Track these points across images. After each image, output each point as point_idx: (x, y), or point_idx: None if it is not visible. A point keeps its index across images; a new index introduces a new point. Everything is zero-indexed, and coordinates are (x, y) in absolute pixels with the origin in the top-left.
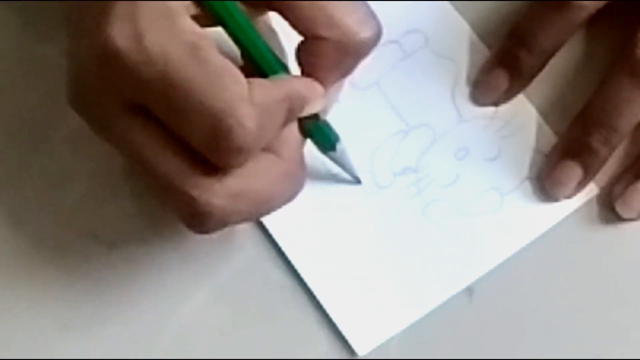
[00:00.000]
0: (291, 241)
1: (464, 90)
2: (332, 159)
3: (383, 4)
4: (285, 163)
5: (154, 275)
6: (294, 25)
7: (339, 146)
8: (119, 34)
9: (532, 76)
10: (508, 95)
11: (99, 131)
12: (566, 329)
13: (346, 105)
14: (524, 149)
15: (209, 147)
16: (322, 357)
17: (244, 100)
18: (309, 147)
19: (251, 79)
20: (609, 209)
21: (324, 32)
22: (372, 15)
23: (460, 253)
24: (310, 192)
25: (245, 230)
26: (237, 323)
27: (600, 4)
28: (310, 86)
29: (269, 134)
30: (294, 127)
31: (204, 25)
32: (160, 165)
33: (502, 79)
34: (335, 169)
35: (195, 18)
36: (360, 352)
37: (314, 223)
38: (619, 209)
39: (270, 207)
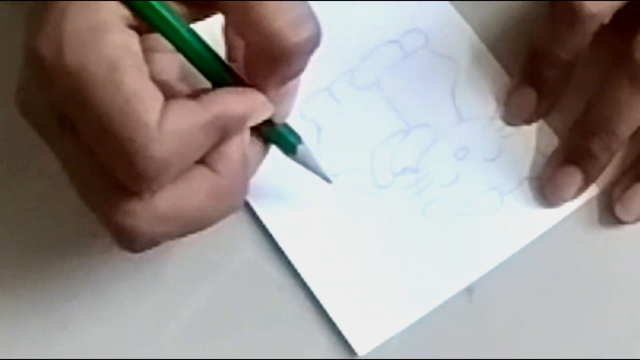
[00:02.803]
0: (291, 241)
1: (464, 90)
2: (297, 161)
3: (383, 3)
4: (221, 179)
5: (154, 275)
6: (230, 27)
7: (300, 148)
8: (44, 44)
9: (561, 89)
10: (539, 112)
11: (40, 136)
12: (566, 329)
13: (346, 105)
14: (524, 149)
15: (116, 171)
16: (322, 357)
17: (149, 127)
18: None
19: (173, 102)
20: (608, 209)
21: (250, 37)
22: (308, 17)
23: (460, 253)
24: (310, 192)
25: (245, 230)
26: (237, 323)
27: (610, 11)
28: (248, 99)
29: (185, 160)
30: (236, 141)
31: (148, 32)
32: (85, 183)
33: (531, 98)
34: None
35: (137, 28)
36: (360, 352)
37: (314, 223)
38: (618, 211)
39: (201, 225)
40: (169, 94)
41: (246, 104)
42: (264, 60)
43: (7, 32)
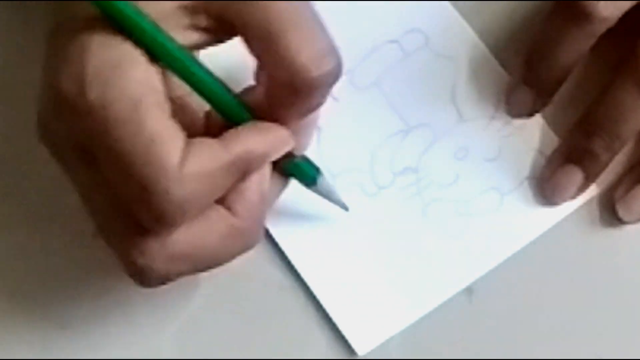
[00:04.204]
0: (291, 241)
1: (464, 90)
2: (316, 192)
3: (383, 4)
4: (237, 219)
5: None
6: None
7: (320, 180)
8: (66, 81)
9: (556, 89)
10: (536, 108)
11: (58, 165)
12: (566, 329)
13: (346, 105)
14: (524, 149)
15: (135, 210)
16: (322, 357)
17: (171, 170)
18: None
19: (195, 141)
20: (608, 209)
21: (272, 71)
22: (330, 50)
23: (460, 253)
24: (310, 192)
25: None
26: (237, 323)
27: (619, 14)
28: (269, 137)
29: (205, 201)
30: (255, 181)
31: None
32: (101, 216)
33: (527, 96)
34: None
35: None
36: (360, 352)
37: (314, 223)
38: (620, 212)
39: (214, 264)
40: (185, 112)
41: (268, 141)
42: (285, 93)
43: (7, 33)
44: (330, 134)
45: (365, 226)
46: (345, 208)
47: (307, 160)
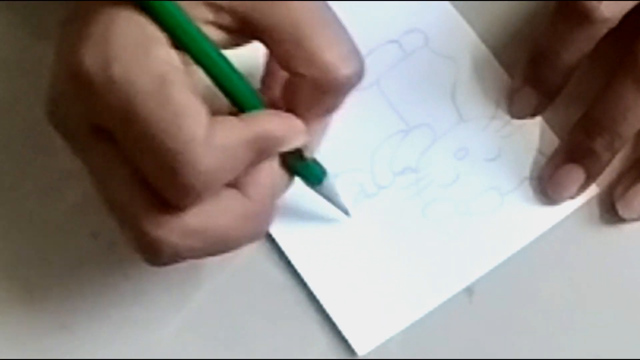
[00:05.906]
0: (291, 241)
1: (464, 90)
2: (320, 193)
3: (383, 3)
4: (251, 203)
5: (154, 274)
6: (275, 58)
7: (325, 181)
8: (89, 57)
9: (560, 90)
10: (539, 109)
11: (70, 147)
12: (566, 328)
13: (346, 105)
14: (524, 149)
15: (160, 184)
16: (322, 357)
17: (198, 142)
18: None
19: (218, 118)
20: (609, 209)
21: (301, 69)
22: (355, 51)
23: (460, 253)
24: (310, 192)
25: None
26: (237, 323)
27: (621, 15)
28: (286, 124)
29: (228, 175)
30: (267, 167)
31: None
32: (117, 193)
33: (531, 97)
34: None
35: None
36: (360, 352)
37: (314, 223)
38: (620, 209)
39: (227, 246)
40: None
41: (285, 127)
42: (310, 92)
43: (6, 32)
44: (330, 133)
45: (365, 226)
46: (347, 213)
47: (315, 160)
